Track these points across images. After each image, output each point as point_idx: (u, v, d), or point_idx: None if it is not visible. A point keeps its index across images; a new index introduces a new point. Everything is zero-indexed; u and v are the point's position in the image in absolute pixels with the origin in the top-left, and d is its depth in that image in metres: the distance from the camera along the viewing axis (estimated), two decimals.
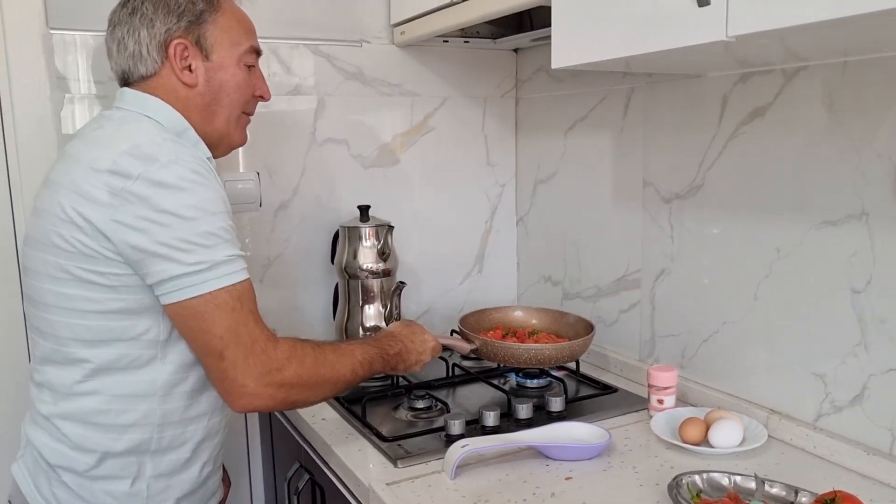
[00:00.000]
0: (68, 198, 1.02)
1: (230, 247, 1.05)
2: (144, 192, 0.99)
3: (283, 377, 1.08)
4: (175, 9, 1.12)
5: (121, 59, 1.16)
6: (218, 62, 1.16)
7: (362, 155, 1.84)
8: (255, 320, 1.07)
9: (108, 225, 0.99)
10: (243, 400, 1.07)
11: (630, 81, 1.61)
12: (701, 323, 1.48)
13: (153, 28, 1.12)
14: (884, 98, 1.12)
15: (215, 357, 1.05)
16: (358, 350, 1.22)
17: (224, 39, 1.16)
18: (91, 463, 1.08)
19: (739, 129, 1.36)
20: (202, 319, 1.03)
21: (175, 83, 1.14)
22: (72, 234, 1.01)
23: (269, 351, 1.07)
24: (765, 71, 1.30)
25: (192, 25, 1.13)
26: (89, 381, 1.07)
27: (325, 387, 1.15)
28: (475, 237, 2.01)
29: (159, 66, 1.13)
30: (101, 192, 1.00)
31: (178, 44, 1.12)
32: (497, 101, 1.98)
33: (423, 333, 1.38)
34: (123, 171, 1.00)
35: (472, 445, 1.21)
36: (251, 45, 1.21)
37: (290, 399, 1.12)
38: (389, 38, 1.84)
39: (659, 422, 1.34)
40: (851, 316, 1.20)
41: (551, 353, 1.49)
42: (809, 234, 1.25)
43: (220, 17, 1.16)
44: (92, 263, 1.02)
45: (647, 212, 1.59)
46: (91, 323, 1.04)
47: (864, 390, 1.19)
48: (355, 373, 1.19)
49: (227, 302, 1.04)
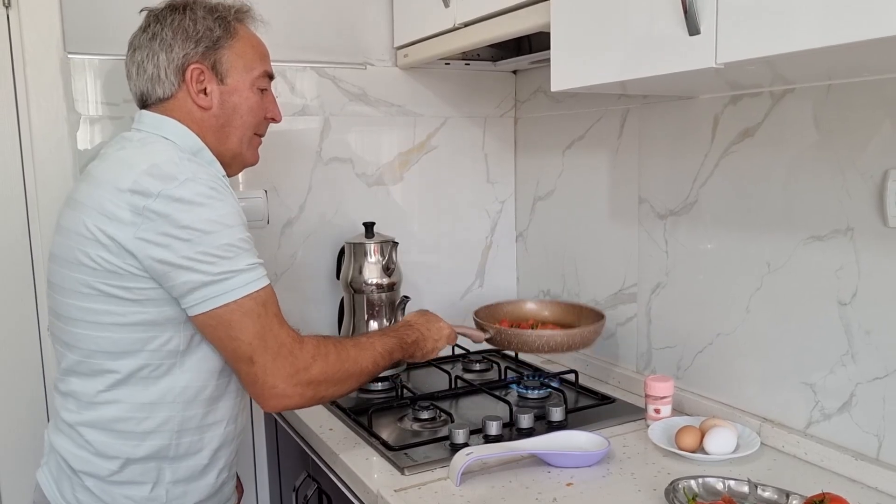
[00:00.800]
0: (93, 217, 1.07)
1: (250, 256, 1.10)
2: (165, 210, 1.04)
3: (311, 375, 1.14)
4: (193, 35, 1.18)
5: (140, 81, 1.21)
6: (232, 86, 1.22)
7: (366, 173, 1.90)
8: (279, 323, 1.12)
9: (132, 242, 1.04)
10: (274, 401, 1.13)
11: (625, 102, 1.67)
12: (695, 335, 1.54)
13: (171, 52, 1.18)
14: (866, 119, 1.19)
15: (246, 362, 1.10)
16: (378, 342, 1.28)
17: (239, 64, 1.22)
18: (113, 469, 1.12)
19: (730, 148, 1.42)
20: (230, 327, 1.08)
21: (191, 105, 1.20)
22: (97, 252, 1.06)
23: (295, 352, 1.12)
24: (754, 93, 1.36)
25: (209, 51, 1.19)
26: (112, 390, 1.11)
27: (350, 380, 1.21)
28: (476, 252, 2.07)
29: (176, 89, 1.19)
30: (124, 211, 1.05)
31: (194, 68, 1.18)
32: (496, 121, 2.05)
33: (438, 321, 1.44)
34: (144, 190, 1.05)
35: (476, 453, 1.25)
36: (264, 69, 1.27)
37: (318, 395, 1.17)
38: (393, 61, 1.90)
39: (656, 430, 1.39)
40: (839, 327, 1.25)
41: (563, 339, 1.53)
42: (798, 249, 1.31)
43: (235, 43, 1.22)
44: (117, 279, 1.07)
45: (642, 228, 1.65)
46: (115, 335, 1.09)
47: (852, 398, 1.24)
48: (377, 364, 1.25)
49: (253, 308, 1.09)
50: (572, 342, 1.55)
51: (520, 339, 1.54)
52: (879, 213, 1.17)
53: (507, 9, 1.43)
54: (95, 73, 1.61)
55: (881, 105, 1.16)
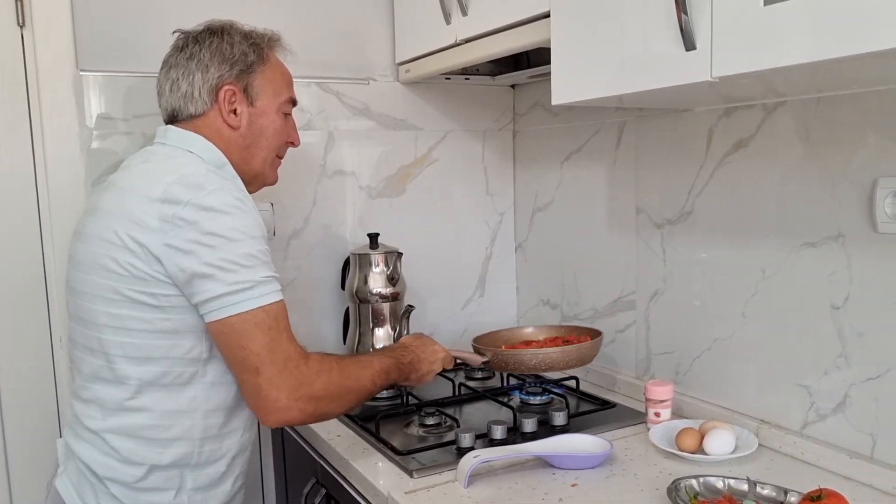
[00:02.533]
0: (123, 225, 1.11)
1: (267, 269, 1.14)
2: (193, 217, 1.08)
3: (313, 391, 1.16)
4: (229, 58, 1.24)
5: (172, 98, 1.26)
6: (261, 108, 1.28)
7: (369, 186, 1.95)
8: (288, 338, 1.15)
9: (159, 249, 1.08)
10: (276, 415, 1.14)
11: (622, 115, 1.72)
12: (693, 340, 1.58)
13: (207, 73, 1.23)
14: (854, 130, 1.24)
15: (251, 373, 1.12)
16: (376, 361, 1.31)
17: (268, 89, 1.28)
18: (139, 475, 1.15)
19: (725, 159, 1.47)
20: (241, 336, 1.11)
21: (220, 124, 1.25)
22: (125, 258, 1.10)
23: (300, 366, 1.15)
24: (747, 106, 1.42)
25: (243, 74, 1.25)
26: (137, 397, 1.15)
27: (349, 397, 1.23)
28: (476, 263, 2.11)
29: (208, 108, 1.24)
30: (153, 219, 1.09)
31: (227, 89, 1.24)
32: (496, 135, 2.10)
33: (433, 345, 1.46)
34: (174, 199, 1.09)
35: (483, 455, 1.29)
36: (290, 96, 1.33)
37: (318, 412, 1.19)
38: (395, 76, 1.95)
39: (656, 433, 1.43)
40: (832, 330, 1.30)
41: (559, 356, 1.55)
42: (791, 255, 1.36)
43: (267, 69, 1.28)
44: (144, 285, 1.10)
45: (640, 237, 1.70)
46: (140, 341, 1.13)
47: (846, 398, 1.28)
48: (374, 382, 1.28)
49: (265, 320, 1.12)
50: (569, 359, 1.57)
51: (517, 359, 1.56)
52: (869, 220, 1.22)
53: (507, 26, 1.48)
54: (107, 89, 1.65)
55: (868, 116, 1.21)
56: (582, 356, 1.59)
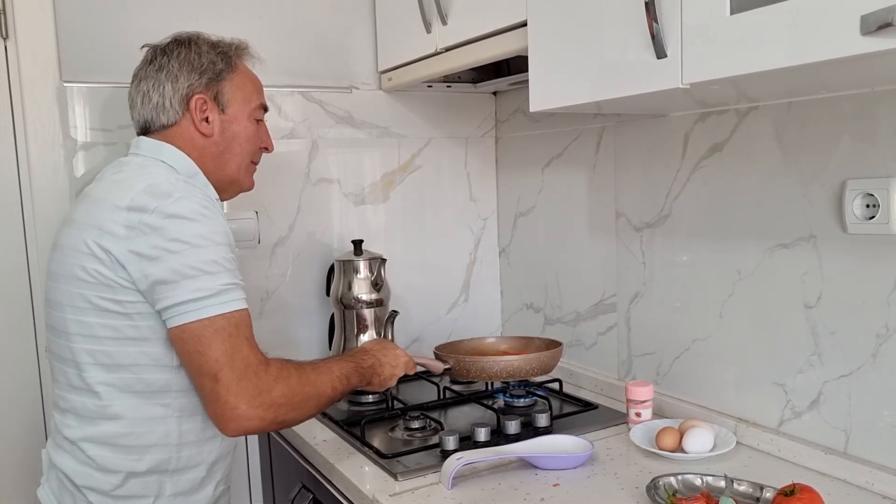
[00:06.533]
0: (91, 234, 1.12)
1: (230, 276, 1.14)
2: (159, 224, 1.10)
3: (272, 398, 1.14)
4: (198, 67, 1.26)
5: (144, 110, 1.28)
6: (232, 115, 1.30)
7: (353, 193, 1.96)
8: (249, 346, 1.14)
9: (124, 255, 1.10)
10: (235, 422, 1.12)
11: (601, 121, 1.75)
12: (673, 341, 1.61)
13: (177, 83, 1.25)
14: (824, 133, 1.27)
15: (210, 379, 1.11)
16: (335, 366, 1.30)
17: (238, 96, 1.30)
18: (116, 483, 1.16)
19: (700, 163, 1.50)
20: (199, 342, 1.11)
21: (193, 133, 1.27)
22: (92, 265, 1.11)
23: (260, 373, 1.13)
24: (720, 111, 1.45)
25: (212, 82, 1.27)
26: (111, 405, 1.15)
27: (308, 404, 1.21)
28: (460, 268, 2.13)
29: (179, 117, 1.26)
30: (119, 227, 1.10)
31: (198, 98, 1.26)
32: (478, 141, 2.12)
33: (394, 349, 1.46)
34: (140, 206, 1.11)
35: (466, 457, 1.31)
36: (260, 102, 1.36)
37: (278, 419, 1.16)
38: (377, 84, 1.98)
39: (637, 432, 1.45)
40: (806, 329, 1.33)
41: (520, 364, 1.58)
42: (766, 256, 1.39)
43: (236, 76, 1.31)
44: (111, 292, 1.11)
45: (620, 240, 1.72)
46: (109, 349, 1.14)
47: (820, 396, 1.31)
48: (335, 388, 1.26)
49: (225, 328, 1.11)
50: (530, 367, 1.59)
51: (478, 365, 1.58)
52: (839, 221, 1.25)
53: (486, 34, 1.51)
54: (90, 100, 1.66)
55: (838, 120, 1.25)
56: (543, 364, 1.60)
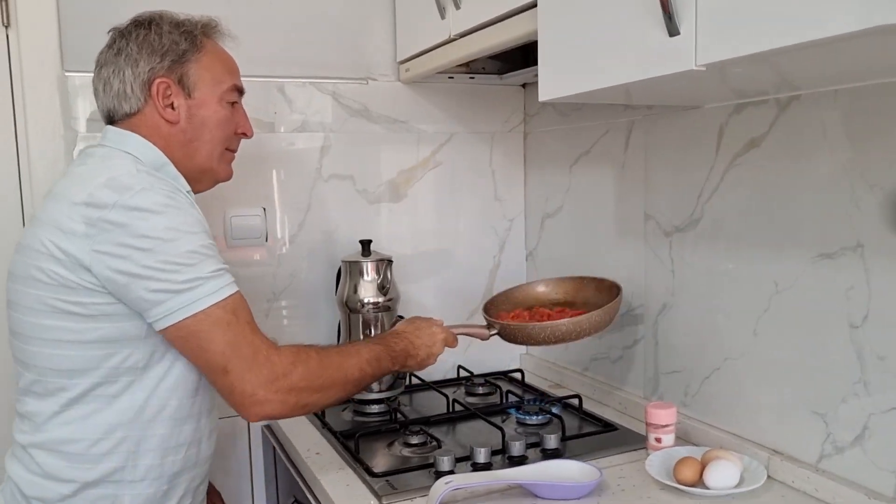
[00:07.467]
0: (48, 232, 1.05)
1: (214, 262, 1.07)
2: (121, 219, 1.02)
3: (291, 381, 1.09)
4: (159, 49, 1.17)
5: (106, 98, 1.20)
6: (200, 100, 1.20)
7: (368, 190, 1.86)
8: (252, 330, 1.08)
9: (87, 256, 1.02)
10: (255, 408, 1.08)
11: (630, 114, 1.60)
12: (702, 359, 1.44)
13: (137, 67, 1.16)
14: (873, 126, 1.09)
15: (220, 373, 1.06)
16: (363, 349, 1.23)
17: (206, 77, 1.20)
18: (66, 493, 1.08)
19: (735, 160, 1.34)
20: (200, 338, 1.05)
21: (158, 120, 1.18)
22: (50, 266, 1.04)
23: (272, 358, 1.08)
24: (759, 101, 1.28)
25: (175, 64, 1.18)
26: (66, 411, 1.08)
27: (334, 387, 1.16)
28: (483, 272, 2.00)
29: (143, 104, 1.17)
30: (78, 224, 1.03)
31: (160, 82, 1.17)
32: (505, 137, 1.99)
33: (430, 327, 1.37)
34: (99, 202, 1.03)
35: (455, 482, 1.19)
36: (233, 83, 1.25)
37: (301, 402, 1.12)
38: (396, 76, 1.87)
39: (654, 461, 1.30)
40: (850, 352, 1.15)
41: (568, 327, 1.40)
42: (807, 267, 1.21)
43: (203, 57, 1.20)
44: (72, 295, 1.04)
45: (648, 245, 1.57)
46: (71, 353, 1.06)
47: (865, 430, 1.13)
48: (363, 371, 1.20)
49: (222, 317, 1.05)
50: (580, 330, 1.40)
51: (524, 332, 1.43)
52: (890, 228, 1.07)
53: (497, 18, 1.38)
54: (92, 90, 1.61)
55: (890, 110, 1.07)
56: (594, 325, 1.42)
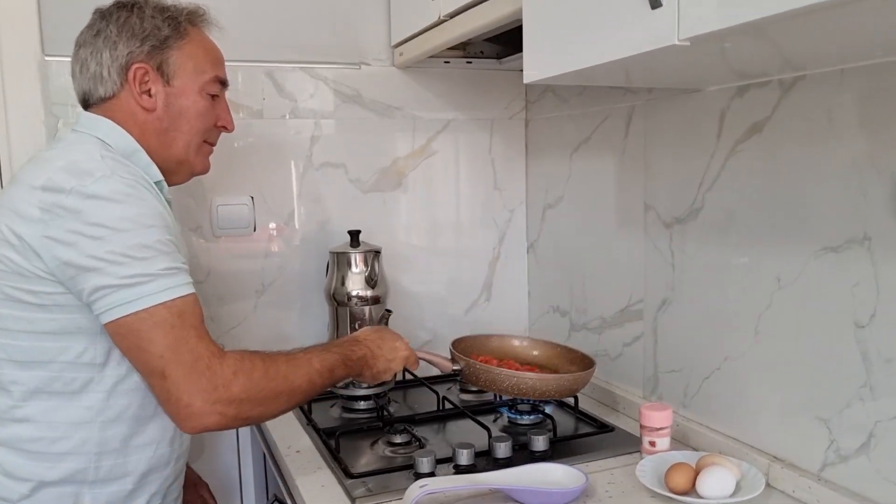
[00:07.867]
0: (5, 217, 1.01)
1: (168, 259, 1.01)
2: (76, 206, 0.97)
3: (231, 393, 1.02)
4: (139, 33, 1.12)
5: (83, 80, 1.16)
6: (179, 88, 1.15)
7: (361, 179, 1.80)
8: (197, 336, 1.02)
9: (38, 241, 0.98)
10: (192, 421, 1.02)
11: (631, 99, 1.51)
12: (702, 358, 1.36)
13: (115, 50, 1.12)
14: (883, 108, 1.00)
15: (158, 376, 1.01)
16: (315, 358, 1.16)
17: (188, 66, 1.15)
18: (24, 492, 1.04)
19: (737, 146, 1.25)
20: (139, 338, 0.99)
21: (133, 106, 1.14)
22: (5, 252, 1.00)
23: (213, 367, 1.02)
24: (761, 83, 1.19)
25: (155, 50, 1.13)
26: (23, 406, 1.04)
27: (278, 400, 1.09)
28: (482, 265, 1.93)
29: (118, 89, 1.13)
30: (33, 209, 0.98)
31: (138, 67, 1.12)
32: (505, 124, 1.91)
33: (394, 341, 1.31)
34: (56, 187, 0.98)
35: (430, 486, 1.12)
36: (216, 74, 1.20)
37: (242, 416, 1.06)
38: (390, 60, 1.80)
39: (646, 467, 1.22)
40: (856, 354, 1.06)
41: (533, 383, 1.37)
42: (810, 262, 1.12)
43: (185, 45, 1.15)
44: (24, 282, 1.00)
45: (648, 237, 1.48)
46: (23, 343, 1.02)
47: (871, 438, 1.05)
48: (312, 382, 1.13)
49: (167, 319, 0.99)
50: (546, 388, 1.37)
51: (489, 375, 1.38)
52: None
53: None
54: None
55: None
56: (562, 387, 1.39)
